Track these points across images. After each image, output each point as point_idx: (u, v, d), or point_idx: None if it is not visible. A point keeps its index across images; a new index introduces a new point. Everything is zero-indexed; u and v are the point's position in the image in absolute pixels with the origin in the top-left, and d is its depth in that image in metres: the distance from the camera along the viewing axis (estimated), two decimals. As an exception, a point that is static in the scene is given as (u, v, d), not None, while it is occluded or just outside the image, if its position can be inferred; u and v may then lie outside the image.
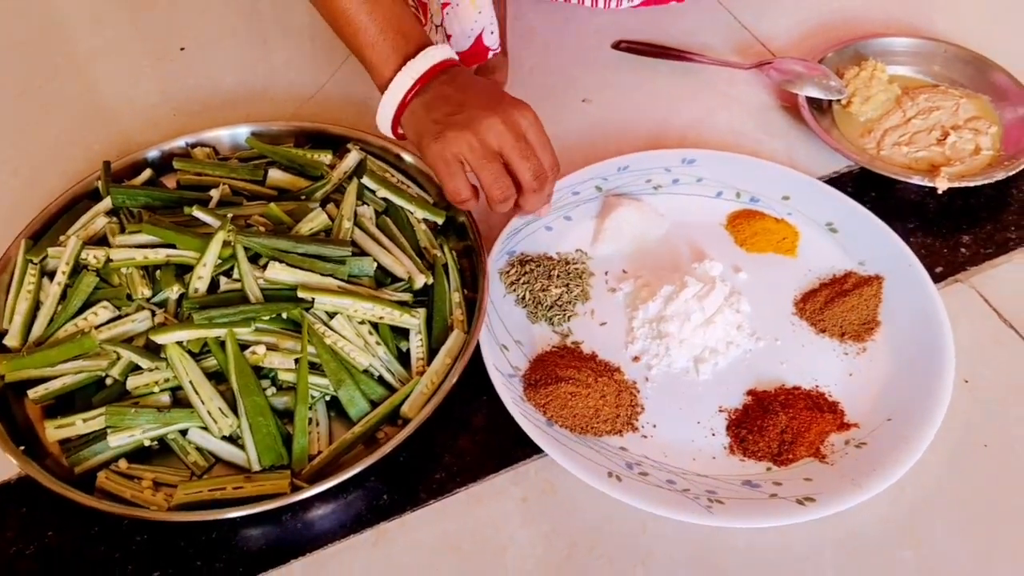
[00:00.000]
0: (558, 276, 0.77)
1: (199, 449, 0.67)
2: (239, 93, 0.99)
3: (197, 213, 0.73)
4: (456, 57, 0.74)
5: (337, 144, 0.85)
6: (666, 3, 0.96)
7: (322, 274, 0.70)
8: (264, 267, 0.70)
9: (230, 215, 0.73)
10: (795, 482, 0.65)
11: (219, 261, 0.70)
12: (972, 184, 0.83)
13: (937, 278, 0.78)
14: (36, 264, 0.74)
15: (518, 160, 0.69)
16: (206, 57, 1.03)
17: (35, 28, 1.10)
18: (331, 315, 0.69)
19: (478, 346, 0.70)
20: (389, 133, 0.75)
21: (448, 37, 0.87)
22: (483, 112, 0.68)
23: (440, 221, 0.81)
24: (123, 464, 0.66)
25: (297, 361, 0.67)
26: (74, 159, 0.90)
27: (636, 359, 0.74)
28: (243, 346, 0.68)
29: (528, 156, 0.70)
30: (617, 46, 1.02)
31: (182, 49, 1.04)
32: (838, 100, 0.93)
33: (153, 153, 0.84)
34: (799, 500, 0.63)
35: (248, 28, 1.08)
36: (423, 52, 0.71)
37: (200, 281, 0.70)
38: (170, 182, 0.83)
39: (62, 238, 0.75)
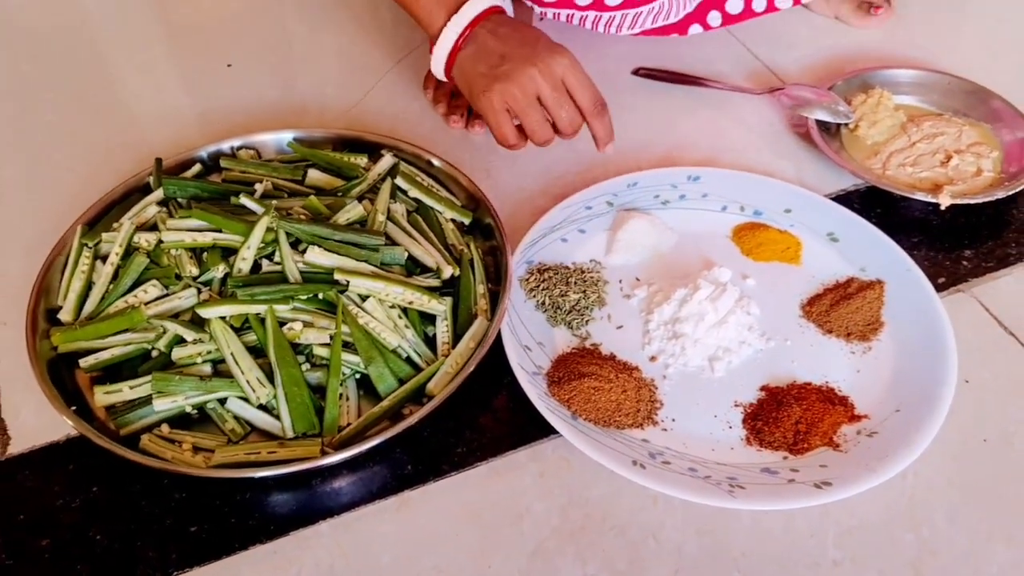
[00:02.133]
0: (575, 283, 0.81)
1: (236, 418, 0.71)
2: (281, 106, 1.05)
3: (244, 200, 0.78)
4: (498, 3, 0.80)
5: (372, 150, 0.90)
6: (685, 34, 1.02)
7: (357, 260, 0.75)
8: (303, 252, 0.75)
9: (274, 203, 0.78)
10: (811, 469, 0.68)
11: (262, 245, 0.75)
12: (974, 201, 0.88)
13: (939, 288, 0.82)
14: (91, 248, 0.80)
15: (554, 107, 0.79)
16: (251, 73, 1.10)
17: (92, 44, 1.17)
18: (364, 298, 0.74)
19: (500, 338, 0.74)
20: (443, 78, 0.84)
21: None
22: (522, 63, 0.76)
23: (467, 221, 0.86)
24: (165, 428, 0.70)
25: (331, 337, 0.72)
26: (125, 160, 0.96)
27: (653, 359, 0.77)
28: (281, 323, 0.72)
29: (563, 103, 0.78)
30: (636, 72, 1.08)
31: (229, 66, 1.11)
32: (846, 124, 0.98)
33: (201, 153, 0.90)
34: (816, 484, 0.66)
35: (291, 48, 1.15)
36: (465, 6, 0.79)
37: (244, 262, 0.75)
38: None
39: (115, 224, 0.81)
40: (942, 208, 0.88)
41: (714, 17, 1.02)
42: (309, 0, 1.24)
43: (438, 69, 0.82)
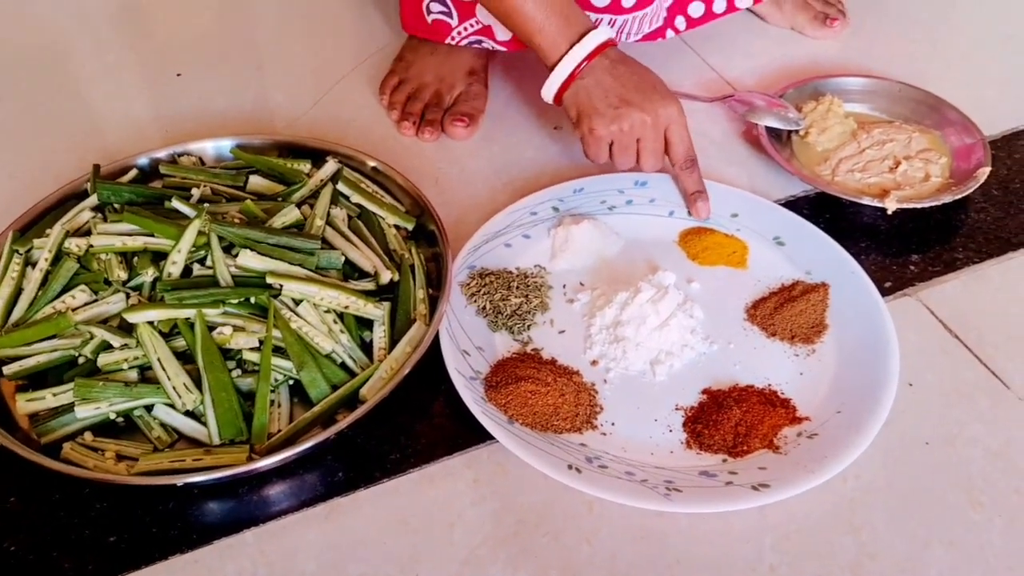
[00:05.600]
0: (517, 287, 0.80)
1: (163, 425, 0.69)
2: (229, 115, 1.04)
3: (176, 203, 0.77)
4: (612, 36, 0.85)
5: (316, 157, 0.89)
6: (664, 37, 1.03)
7: (291, 263, 0.74)
8: (237, 256, 0.73)
9: (206, 206, 0.77)
10: (750, 471, 0.67)
11: (194, 249, 0.74)
12: (920, 206, 0.88)
13: (886, 292, 0.82)
14: (21, 254, 0.78)
15: (645, 151, 0.86)
16: (200, 82, 1.09)
17: (41, 51, 1.16)
18: (298, 302, 0.73)
19: (442, 346, 0.73)
20: (550, 101, 0.88)
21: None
22: (637, 110, 0.83)
23: (410, 227, 0.85)
24: (88, 437, 0.68)
25: (261, 341, 0.70)
26: (67, 167, 0.94)
27: (594, 363, 0.76)
28: (211, 327, 0.71)
29: (655, 151, 0.86)
30: (589, 81, 1.08)
31: (178, 75, 1.10)
32: (796, 131, 0.98)
33: (142, 160, 0.88)
34: (754, 486, 0.65)
35: (242, 57, 1.14)
36: (585, 37, 0.83)
37: (174, 266, 0.73)
38: (156, 189, 0.87)
39: (47, 231, 0.79)
40: (889, 212, 0.88)
41: (680, 21, 1.02)
42: (261, 10, 1.23)
43: (549, 93, 0.86)
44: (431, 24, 0.98)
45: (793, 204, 0.91)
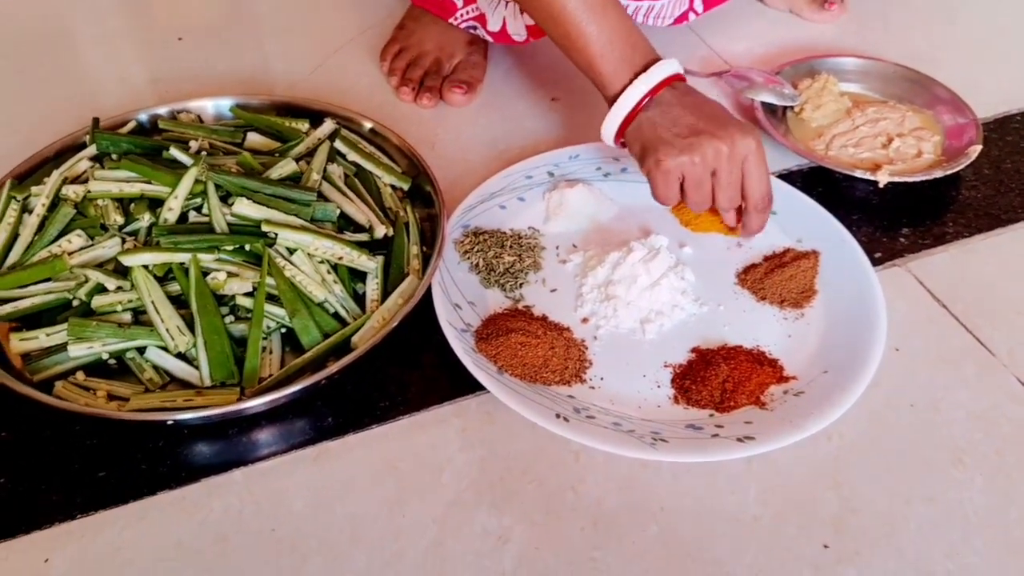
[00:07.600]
0: (511, 246, 0.81)
1: (155, 367, 0.69)
2: (229, 78, 1.05)
3: (174, 151, 0.77)
4: (680, 71, 0.77)
5: (315, 118, 0.90)
6: (688, 20, 1.04)
7: (287, 213, 0.74)
8: (232, 205, 0.74)
9: (204, 155, 0.77)
10: (736, 425, 0.68)
11: (190, 196, 0.74)
12: (911, 179, 0.88)
13: (876, 262, 0.82)
14: (19, 200, 0.78)
15: (723, 187, 0.75)
16: (202, 46, 1.10)
17: (44, 14, 1.17)
18: (292, 251, 0.73)
19: (432, 298, 0.74)
20: (611, 143, 0.79)
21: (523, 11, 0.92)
22: (712, 139, 0.73)
23: (406, 187, 0.85)
24: (80, 376, 0.68)
25: (255, 287, 0.71)
26: (68, 124, 0.94)
27: (585, 320, 0.77)
28: (205, 273, 0.71)
29: (733, 185, 0.75)
30: (587, 56, 1.08)
31: (180, 39, 1.11)
32: (792, 107, 0.99)
33: (141, 116, 0.89)
34: (739, 439, 0.66)
35: (244, 22, 1.15)
36: (654, 67, 0.75)
37: (170, 212, 0.74)
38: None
39: (45, 179, 0.80)
40: (880, 186, 0.88)
41: (699, 3, 1.03)
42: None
43: (610, 130, 0.78)
44: None
45: (787, 177, 0.92)
